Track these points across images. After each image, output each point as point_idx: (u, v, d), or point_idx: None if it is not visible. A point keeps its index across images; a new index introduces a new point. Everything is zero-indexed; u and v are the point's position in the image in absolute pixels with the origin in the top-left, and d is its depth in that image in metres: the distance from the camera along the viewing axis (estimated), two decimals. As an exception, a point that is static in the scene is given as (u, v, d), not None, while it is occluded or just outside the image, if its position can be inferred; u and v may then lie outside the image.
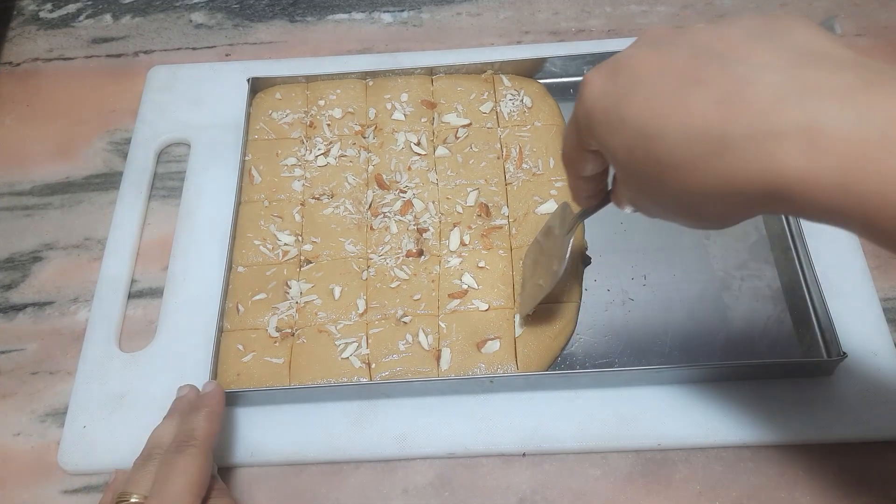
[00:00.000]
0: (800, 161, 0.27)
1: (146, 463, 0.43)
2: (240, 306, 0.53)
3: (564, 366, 0.51)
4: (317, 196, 0.58)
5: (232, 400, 0.49)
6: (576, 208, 0.45)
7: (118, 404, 0.51)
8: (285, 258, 0.55)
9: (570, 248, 0.48)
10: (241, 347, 0.51)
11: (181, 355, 0.53)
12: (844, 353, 0.48)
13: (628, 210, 0.39)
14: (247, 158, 0.59)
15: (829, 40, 0.31)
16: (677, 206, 0.33)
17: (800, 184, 0.28)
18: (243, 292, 0.53)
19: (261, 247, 0.55)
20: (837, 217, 0.28)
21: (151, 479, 0.42)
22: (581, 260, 0.54)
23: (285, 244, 0.55)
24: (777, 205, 0.29)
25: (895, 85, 0.28)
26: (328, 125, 0.61)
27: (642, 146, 0.32)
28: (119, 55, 0.70)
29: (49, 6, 0.74)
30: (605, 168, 0.40)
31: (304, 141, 0.60)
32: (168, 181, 0.62)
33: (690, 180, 0.31)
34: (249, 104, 0.62)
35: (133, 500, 0.41)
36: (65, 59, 0.70)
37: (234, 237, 0.56)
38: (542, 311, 0.51)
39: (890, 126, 0.26)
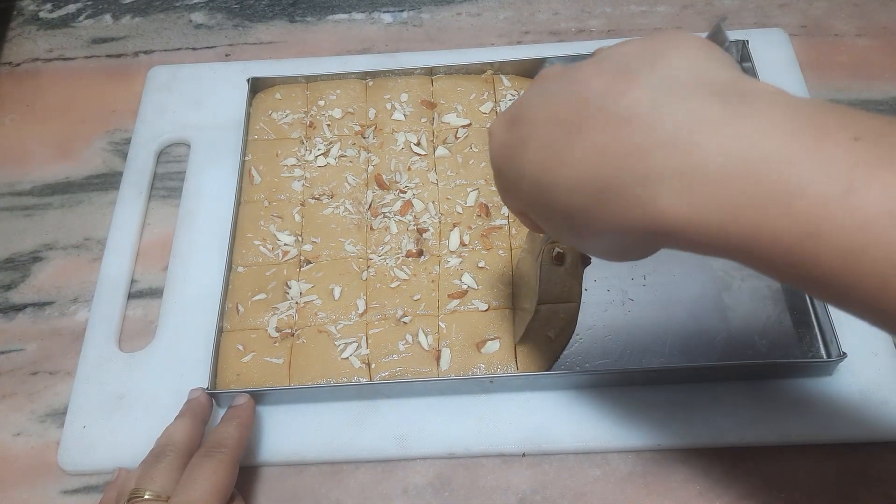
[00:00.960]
0: (678, 205, 0.28)
1: (158, 460, 0.43)
2: (240, 306, 0.53)
3: (564, 366, 0.51)
4: (317, 196, 0.58)
5: (231, 399, 0.49)
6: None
7: (118, 404, 0.51)
8: (285, 258, 0.55)
9: (539, 271, 0.49)
10: (240, 348, 0.51)
11: (181, 355, 0.53)
12: (844, 353, 0.48)
13: None
14: (247, 159, 0.59)
15: (706, 60, 0.31)
16: (588, 247, 0.34)
17: (682, 226, 0.28)
18: (243, 292, 0.53)
19: (261, 247, 0.55)
20: (724, 253, 0.28)
21: (165, 477, 0.42)
22: (581, 260, 0.54)
23: (285, 244, 0.55)
24: (670, 243, 0.30)
25: (759, 113, 0.27)
26: (328, 125, 0.61)
27: (540, 198, 0.33)
28: (119, 55, 0.71)
29: (49, 6, 0.74)
30: None
31: (304, 141, 0.60)
32: (168, 181, 0.62)
33: (588, 227, 0.32)
34: (249, 104, 0.62)
35: (147, 497, 0.41)
36: (65, 59, 0.70)
37: (233, 237, 0.56)
38: (542, 312, 0.51)
39: (756, 161, 0.26)
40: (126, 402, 0.51)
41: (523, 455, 0.49)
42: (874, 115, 0.27)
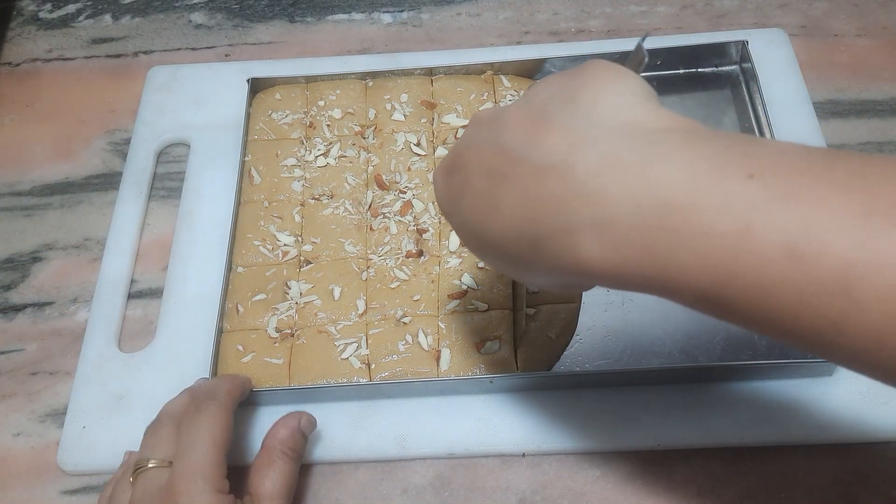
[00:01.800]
0: (597, 253, 0.28)
1: (158, 430, 0.44)
2: (239, 307, 0.53)
3: (564, 366, 0.51)
4: (316, 196, 0.58)
5: (249, 400, 0.49)
6: None
7: (118, 405, 0.51)
8: (285, 259, 0.55)
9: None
10: (240, 348, 0.51)
11: (181, 355, 0.53)
12: None
13: None
14: (246, 159, 0.59)
15: (619, 96, 0.31)
16: (534, 284, 0.36)
17: (604, 272, 0.29)
18: (243, 293, 0.53)
19: (260, 247, 0.55)
20: (653, 293, 0.29)
21: (167, 444, 0.42)
22: None
23: (285, 245, 0.55)
24: (603, 284, 0.31)
25: (664, 156, 0.28)
26: (328, 126, 0.61)
27: (480, 247, 0.34)
28: (119, 55, 0.71)
29: (49, 6, 0.74)
30: None
31: (304, 141, 0.60)
32: (168, 181, 0.62)
33: (527, 270, 0.33)
34: (249, 104, 0.62)
35: (151, 466, 0.41)
36: (64, 59, 0.70)
37: (233, 238, 0.56)
38: (542, 313, 0.52)
39: (661, 206, 0.27)
40: (126, 402, 0.51)
41: (523, 455, 0.49)
42: (775, 148, 0.27)
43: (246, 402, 0.50)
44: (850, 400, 0.49)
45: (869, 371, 0.26)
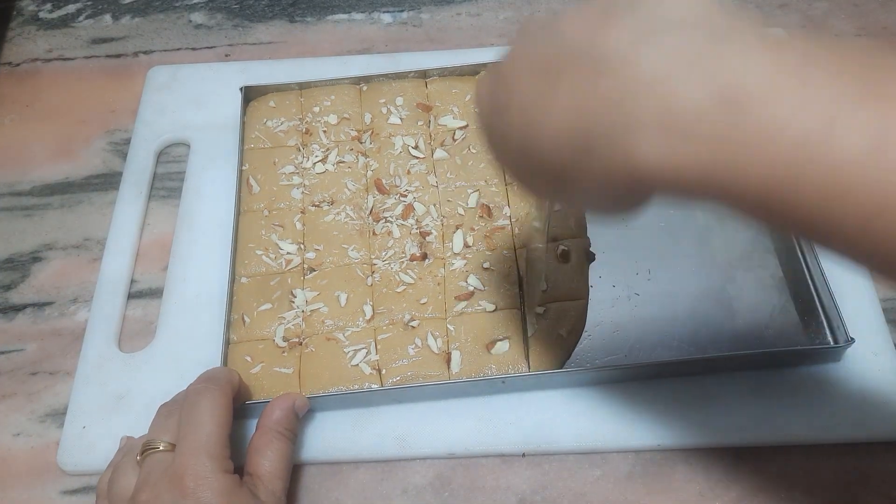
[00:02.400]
0: (657, 151, 0.26)
1: (169, 415, 0.44)
2: (245, 317, 0.52)
3: (574, 363, 0.51)
4: (317, 203, 0.57)
5: (243, 413, 0.49)
6: None
7: (118, 405, 0.51)
8: (288, 267, 0.55)
9: (545, 269, 0.52)
10: (249, 359, 0.51)
11: (181, 355, 0.53)
12: (852, 339, 0.48)
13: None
14: (244, 168, 0.59)
15: None
16: (580, 202, 0.33)
17: (663, 172, 0.27)
18: (248, 303, 0.53)
19: (263, 257, 0.55)
20: (709, 198, 0.27)
21: (175, 428, 0.43)
22: (586, 257, 0.55)
23: (288, 253, 0.55)
24: (657, 191, 0.29)
25: (741, 49, 0.26)
26: (324, 132, 0.61)
27: (527, 156, 0.32)
28: (119, 55, 0.71)
29: (49, 6, 0.74)
30: None
31: (301, 148, 0.60)
32: (168, 181, 0.62)
33: (576, 181, 0.30)
34: (244, 113, 0.62)
35: (161, 448, 0.42)
36: (64, 59, 0.70)
37: (235, 248, 0.55)
38: (552, 311, 0.52)
39: (733, 99, 0.25)
40: (126, 402, 0.51)
41: (523, 455, 0.49)
42: (861, 45, 0.26)
43: (255, 414, 0.49)
44: (851, 400, 0.49)
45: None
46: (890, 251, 0.24)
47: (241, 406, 0.48)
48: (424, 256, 0.54)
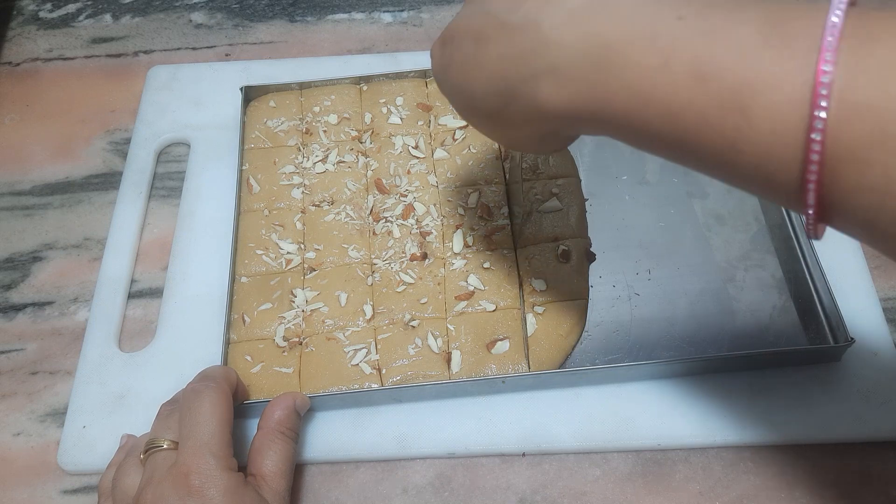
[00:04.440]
0: (553, 94, 0.33)
1: (172, 414, 0.44)
2: (245, 317, 0.52)
3: (574, 363, 0.51)
4: (317, 203, 0.57)
5: (244, 413, 0.49)
6: None
7: (118, 404, 0.51)
8: (289, 267, 0.55)
9: (520, 176, 0.56)
10: (249, 358, 0.51)
11: (181, 355, 0.53)
12: (852, 339, 0.48)
13: None
14: (244, 168, 0.59)
15: None
16: (513, 142, 0.40)
17: (559, 111, 0.33)
18: (248, 303, 0.53)
19: (263, 256, 0.55)
20: (598, 130, 0.34)
21: (177, 426, 0.43)
22: (586, 257, 0.55)
23: (288, 253, 0.55)
24: (565, 128, 0.36)
25: (610, 3, 0.32)
26: (324, 131, 0.61)
27: (466, 107, 0.39)
28: (119, 55, 0.71)
29: (49, 6, 0.74)
30: None
31: (301, 148, 0.60)
32: (168, 181, 0.62)
33: (504, 124, 0.37)
34: (244, 113, 0.62)
35: (165, 446, 0.42)
36: (65, 59, 0.70)
37: (235, 248, 0.55)
38: (552, 310, 0.52)
39: (602, 46, 0.31)
40: (126, 402, 0.51)
41: (523, 455, 0.49)
42: None
43: (255, 413, 0.49)
44: (851, 400, 0.49)
45: (761, 190, 0.30)
46: (725, 160, 0.30)
47: (240, 406, 0.48)
48: (424, 256, 0.54)
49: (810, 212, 0.28)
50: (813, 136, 0.26)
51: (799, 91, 0.26)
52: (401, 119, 0.61)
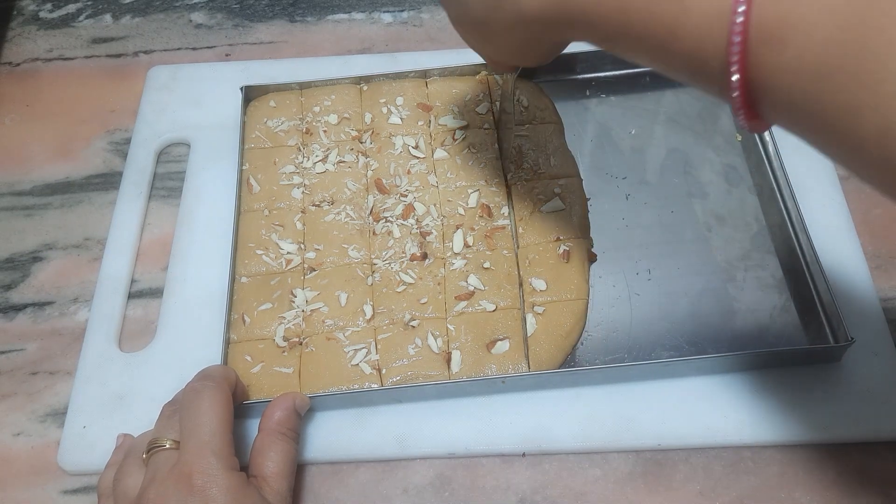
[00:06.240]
0: (533, 1, 0.36)
1: (174, 414, 0.44)
2: (245, 317, 0.52)
3: (574, 363, 0.51)
4: (317, 203, 0.57)
5: (244, 413, 0.49)
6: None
7: (118, 404, 0.51)
8: (289, 267, 0.55)
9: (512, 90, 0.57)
10: (249, 358, 0.51)
11: (181, 355, 0.53)
12: (852, 338, 0.48)
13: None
14: (244, 168, 0.59)
15: None
16: (501, 50, 0.43)
17: (537, 15, 0.37)
18: (248, 303, 0.53)
19: (263, 256, 0.55)
20: (575, 34, 0.37)
21: (178, 426, 0.43)
22: (587, 258, 0.55)
23: (288, 252, 0.55)
24: (546, 33, 0.39)
25: None
26: (324, 131, 0.61)
27: (461, 15, 0.43)
28: (119, 55, 0.71)
29: (49, 6, 0.74)
30: None
31: (301, 148, 0.60)
32: (168, 181, 0.62)
33: (492, 30, 0.41)
34: (244, 113, 0.62)
35: (168, 446, 0.42)
36: (65, 59, 0.70)
37: (235, 248, 0.55)
38: (552, 310, 0.52)
39: None
40: (126, 402, 0.51)
41: (523, 455, 0.49)
42: None
43: (256, 413, 0.49)
44: (851, 400, 0.49)
45: (698, 79, 0.32)
46: (665, 50, 0.32)
47: (240, 406, 0.48)
48: (424, 256, 0.54)
49: (735, 94, 0.29)
50: (735, 18, 0.28)
51: None
52: (401, 119, 0.61)
